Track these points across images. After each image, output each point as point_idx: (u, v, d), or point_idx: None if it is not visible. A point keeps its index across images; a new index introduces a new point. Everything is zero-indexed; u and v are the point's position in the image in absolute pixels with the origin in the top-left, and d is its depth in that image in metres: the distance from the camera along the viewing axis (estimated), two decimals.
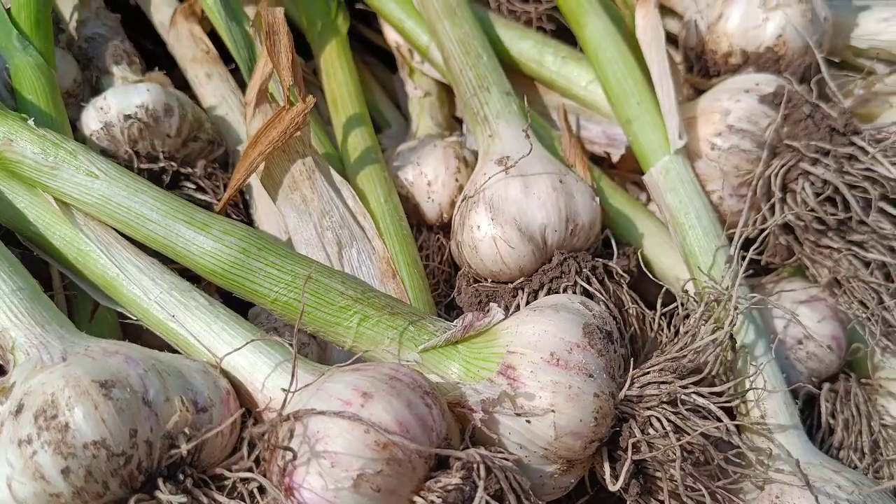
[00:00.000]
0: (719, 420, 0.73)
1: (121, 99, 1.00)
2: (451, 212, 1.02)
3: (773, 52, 0.99)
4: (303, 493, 0.62)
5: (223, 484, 0.68)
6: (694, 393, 0.74)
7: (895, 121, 0.97)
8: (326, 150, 1.01)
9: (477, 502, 0.65)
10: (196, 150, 1.03)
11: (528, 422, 0.70)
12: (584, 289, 0.87)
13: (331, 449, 0.62)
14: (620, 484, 0.73)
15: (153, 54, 1.25)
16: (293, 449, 0.64)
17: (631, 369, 0.76)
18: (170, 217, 0.81)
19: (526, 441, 0.71)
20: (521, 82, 1.09)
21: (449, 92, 1.19)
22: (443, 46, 1.03)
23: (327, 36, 1.14)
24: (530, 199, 0.88)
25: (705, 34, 1.03)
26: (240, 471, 0.67)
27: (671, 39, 1.08)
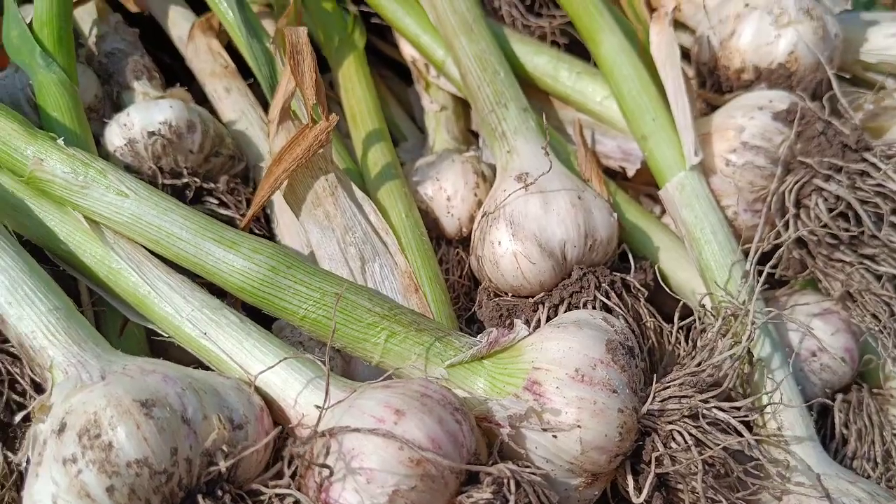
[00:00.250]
0: (739, 434, 0.75)
1: (144, 115, 1.01)
2: (470, 226, 1.04)
3: (785, 68, 1.01)
4: None
5: (259, 500, 0.69)
6: (714, 407, 0.76)
7: None
8: (346, 165, 1.03)
9: None
10: (218, 166, 1.05)
11: (555, 437, 0.72)
12: (603, 303, 0.89)
13: (366, 465, 0.64)
14: (644, 496, 0.75)
15: (170, 68, 1.26)
16: (330, 466, 0.65)
17: (654, 384, 0.78)
18: (199, 235, 0.82)
19: (552, 455, 0.73)
20: (536, 97, 1.11)
21: (465, 106, 1.21)
22: (460, 62, 1.05)
23: (345, 51, 1.15)
24: (550, 216, 0.90)
25: (718, 50, 1.05)
26: (277, 487, 0.69)
27: (683, 54, 1.10)
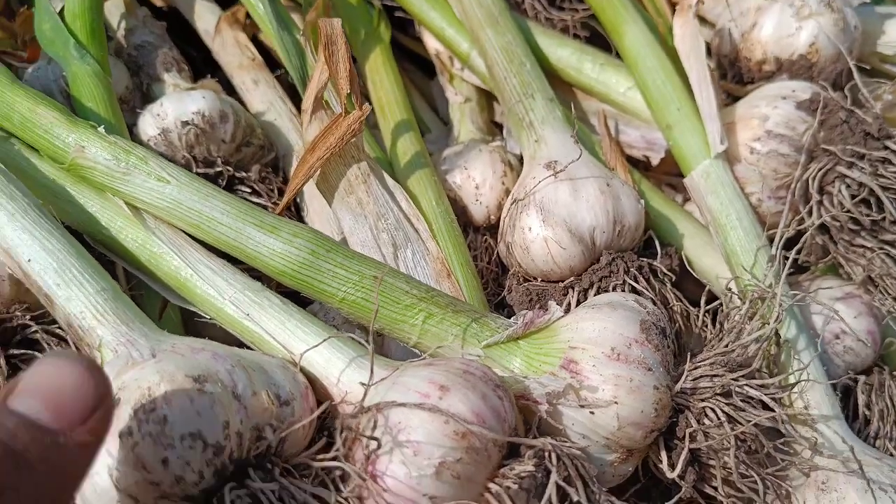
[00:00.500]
0: (771, 409, 0.77)
1: (177, 106, 1.03)
2: (498, 214, 1.06)
3: (806, 59, 1.03)
4: (386, 479, 0.65)
5: (305, 473, 0.70)
6: (746, 385, 0.78)
7: None
8: (376, 155, 1.05)
9: (550, 487, 0.69)
10: (249, 155, 1.07)
11: (592, 413, 0.74)
12: (632, 287, 0.91)
13: (413, 438, 0.65)
14: (678, 471, 0.77)
15: (194, 61, 1.28)
16: (378, 438, 0.67)
17: (687, 363, 0.80)
18: (240, 220, 0.83)
19: (589, 431, 0.75)
20: (559, 88, 1.12)
21: (488, 98, 1.23)
22: (486, 54, 1.07)
23: (371, 44, 1.17)
24: (579, 202, 0.92)
25: (739, 42, 1.07)
26: (325, 460, 0.70)
27: None
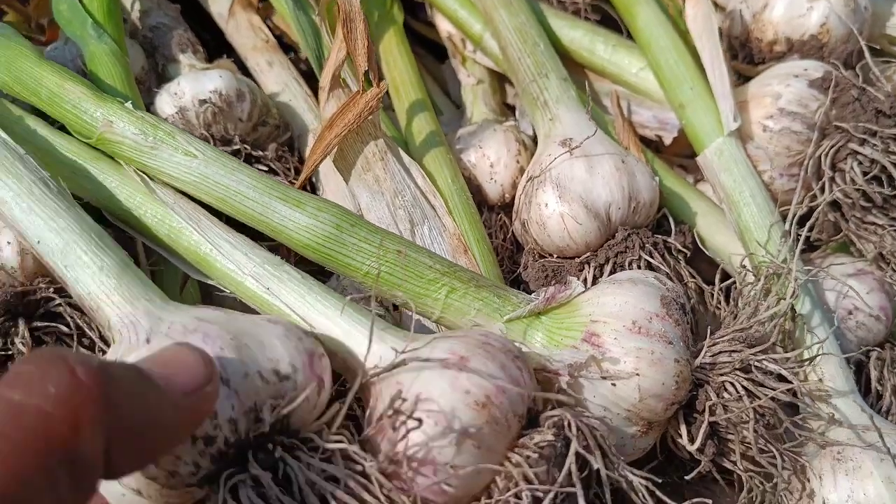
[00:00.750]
0: (789, 382, 0.78)
1: (194, 84, 1.04)
2: (512, 192, 1.07)
3: (817, 39, 1.04)
4: (408, 450, 0.66)
5: (314, 446, 0.67)
6: (765, 359, 0.79)
7: None
8: (392, 134, 1.06)
9: (570, 455, 0.69)
10: (264, 135, 1.07)
11: (614, 385, 0.75)
12: (647, 262, 0.92)
13: (434, 409, 0.65)
14: (698, 444, 0.78)
15: (206, 44, 1.29)
16: (398, 409, 0.67)
17: (707, 339, 0.81)
18: (266, 194, 0.84)
19: (610, 403, 0.76)
20: (570, 69, 1.12)
21: (500, 80, 1.24)
22: (500, 35, 1.08)
23: (385, 25, 1.18)
24: (595, 179, 0.93)
25: (750, 23, 1.08)
26: (331, 441, 0.67)
27: None
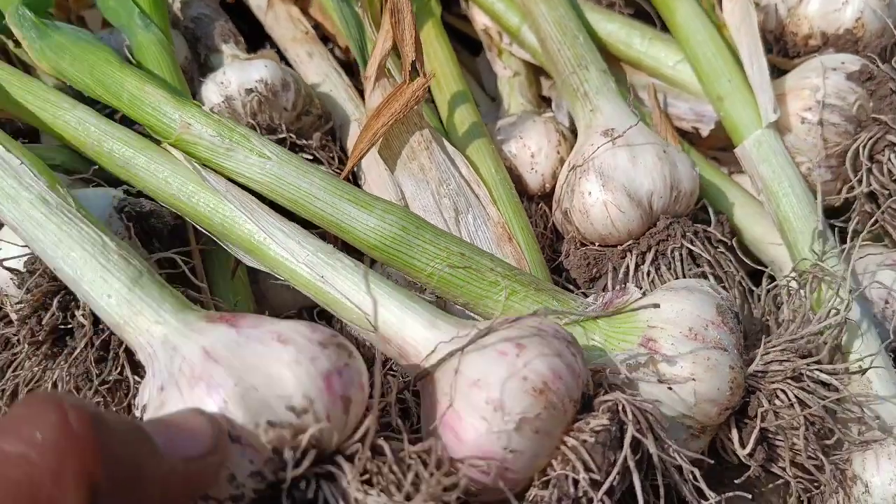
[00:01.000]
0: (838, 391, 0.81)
1: (240, 74, 1.05)
2: (552, 182, 1.09)
3: (851, 33, 1.06)
4: (468, 433, 0.67)
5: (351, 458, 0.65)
6: (817, 370, 0.81)
7: None
8: (434, 125, 1.07)
9: (627, 438, 0.71)
10: (307, 124, 1.09)
11: (670, 388, 0.77)
12: (689, 249, 0.94)
13: (494, 395, 0.66)
14: (749, 449, 0.80)
15: (244, 36, 1.30)
16: (456, 395, 0.68)
17: (761, 348, 0.82)
18: (336, 196, 0.86)
19: (665, 407, 0.77)
20: (607, 62, 1.15)
21: (536, 73, 1.26)
22: (539, 28, 1.10)
23: (423, 18, 1.20)
24: (637, 168, 0.95)
25: (785, 17, 1.11)
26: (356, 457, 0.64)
27: None
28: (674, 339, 0.77)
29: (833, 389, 0.80)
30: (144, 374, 0.71)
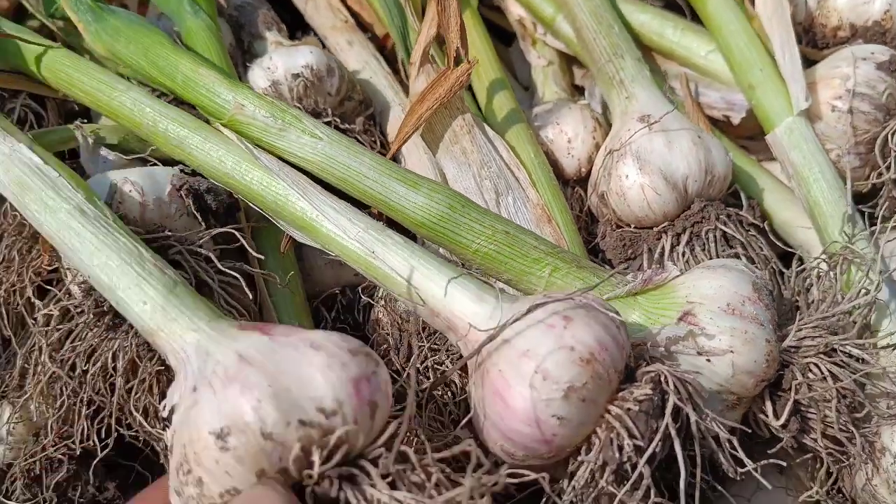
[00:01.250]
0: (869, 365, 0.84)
1: (286, 59, 1.09)
2: (588, 167, 1.12)
3: (880, 25, 1.09)
4: (517, 401, 0.70)
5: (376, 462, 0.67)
6: (849, 344, 0.84)
7: None
8: (472, 111, 1.10)
9: (670, 406, 0.74)
10: (350, 109, 1.13)
11: (709, 360, 0.80)
12: (722, 231, 0.97)
13: (542, 365, 0.69)
14: (783, 420, 0.83)
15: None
16: (504, 365, 0.71)
17: (795, 325, 0.86)
18: (385, 175, 0.90)
19: (703, 378, 0.80)
20: (640, 52, 1.18)
21: (569, 62, 1.30)
22: (575, 18, 1.13)
23: (462, 8, 1.22)
24: (673, 152, 0.98)
25: (814, 9, 1.14)
26: (380, 454, 0.67)
27: None
28: (712, 313, 0.80)
29: (864, 363, 0.84)
30: None
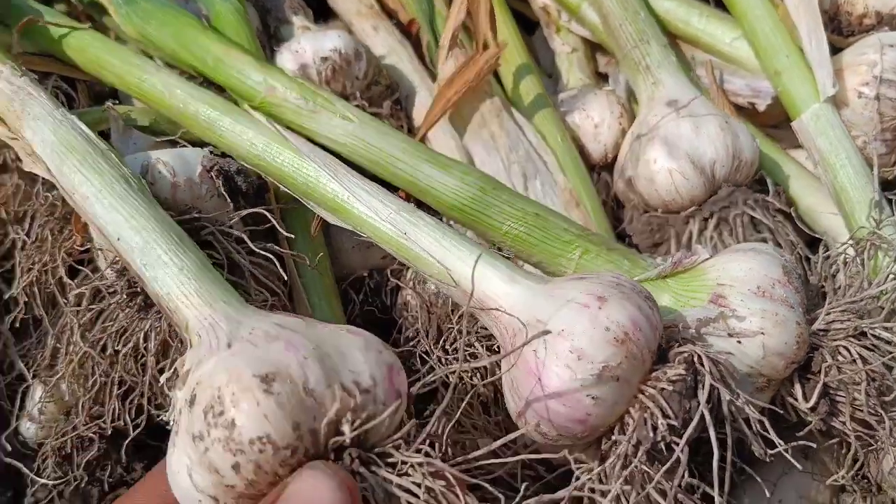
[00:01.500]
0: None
1: (315, 43, 1.10)
2: (614, 152, 1.13)
3: None
4: (552, 380, 0.70)
5: (390, 462, 0.67)
6: (878, 327, 0.85)
7: None
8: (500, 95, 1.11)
9: (706, 387, 0.74)
10: (376, 94, 1.13)
11: (739, 342, 0.80)
12: (750, 216, 0.98)
13: (577, 344, 0.70)
14: (812, 402, 0.84)
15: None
16: (538, 345, 0.72)
17: (824, 308, 0.86)
18: (416, 157, 0.90)
19: (734, 360, 0.80)
20: None
21: (593, 50, 1.30)
22: (601, 4, 1.14)
23: None
24: (701, 137, 0.99)
25: None
26: (409, 456, 0.67)
27: None
28: (743, 295, 0.81)
29: (893, 346, 0.84)
30: None
